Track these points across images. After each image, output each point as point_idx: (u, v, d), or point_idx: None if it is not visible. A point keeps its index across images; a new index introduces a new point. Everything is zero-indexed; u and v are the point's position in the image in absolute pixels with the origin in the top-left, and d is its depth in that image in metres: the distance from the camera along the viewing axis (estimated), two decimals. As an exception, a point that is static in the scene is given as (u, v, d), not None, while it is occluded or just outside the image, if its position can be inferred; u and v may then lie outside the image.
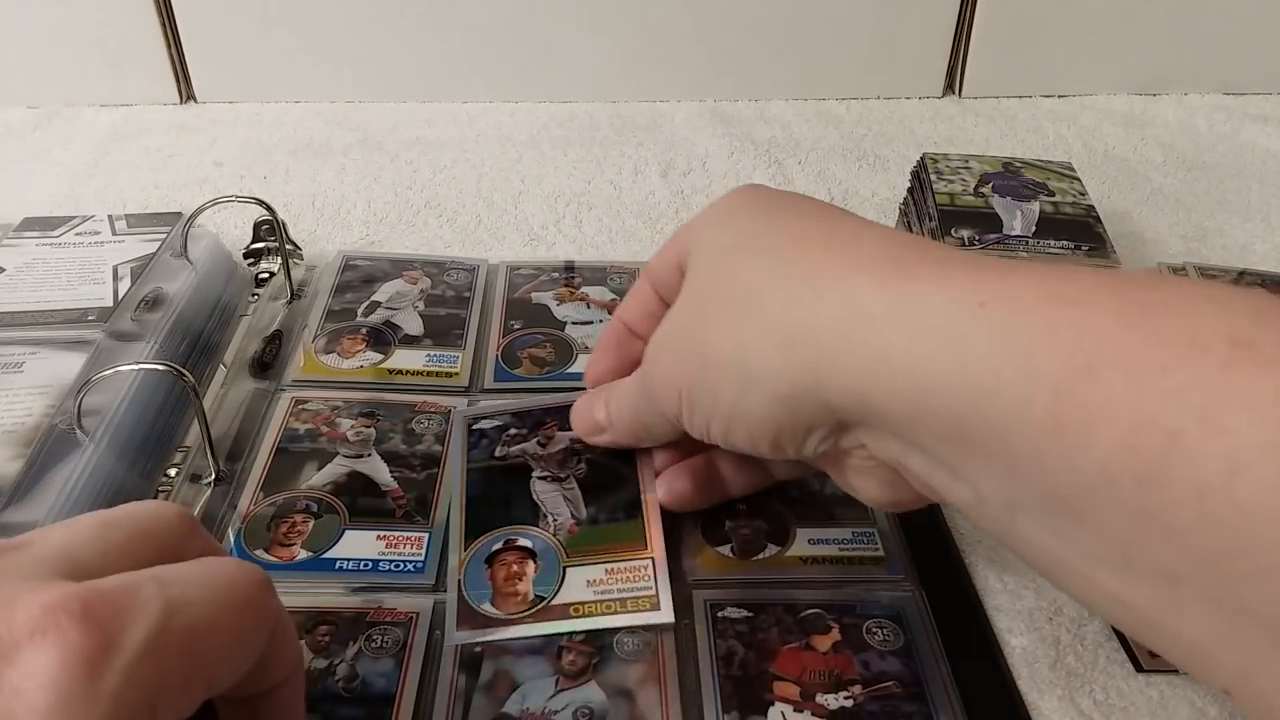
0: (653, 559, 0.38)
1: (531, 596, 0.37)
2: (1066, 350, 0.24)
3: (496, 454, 0.42)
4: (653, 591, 0.37)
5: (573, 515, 0.40)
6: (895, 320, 0.28)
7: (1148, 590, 0.24)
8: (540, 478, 0.41)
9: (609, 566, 0.38)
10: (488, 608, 0.36)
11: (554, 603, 0.36)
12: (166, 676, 0.22)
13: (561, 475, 0.41)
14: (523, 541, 0.39)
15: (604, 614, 0.36)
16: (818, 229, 0.33)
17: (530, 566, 0.38)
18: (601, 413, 0.40)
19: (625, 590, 0.37)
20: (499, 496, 0.40)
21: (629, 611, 0.36)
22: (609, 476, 0.41)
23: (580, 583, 0.37)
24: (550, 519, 0.39)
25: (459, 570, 0.38)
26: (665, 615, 0.36)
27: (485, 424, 0.43)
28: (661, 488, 0.40)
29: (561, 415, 0.43)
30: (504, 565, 0.38)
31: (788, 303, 0.30)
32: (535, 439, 0.42)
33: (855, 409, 0.30)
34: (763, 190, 0.37)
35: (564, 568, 0.38)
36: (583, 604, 0.36)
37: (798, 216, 0.34)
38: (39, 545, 0.24)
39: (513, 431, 0.43)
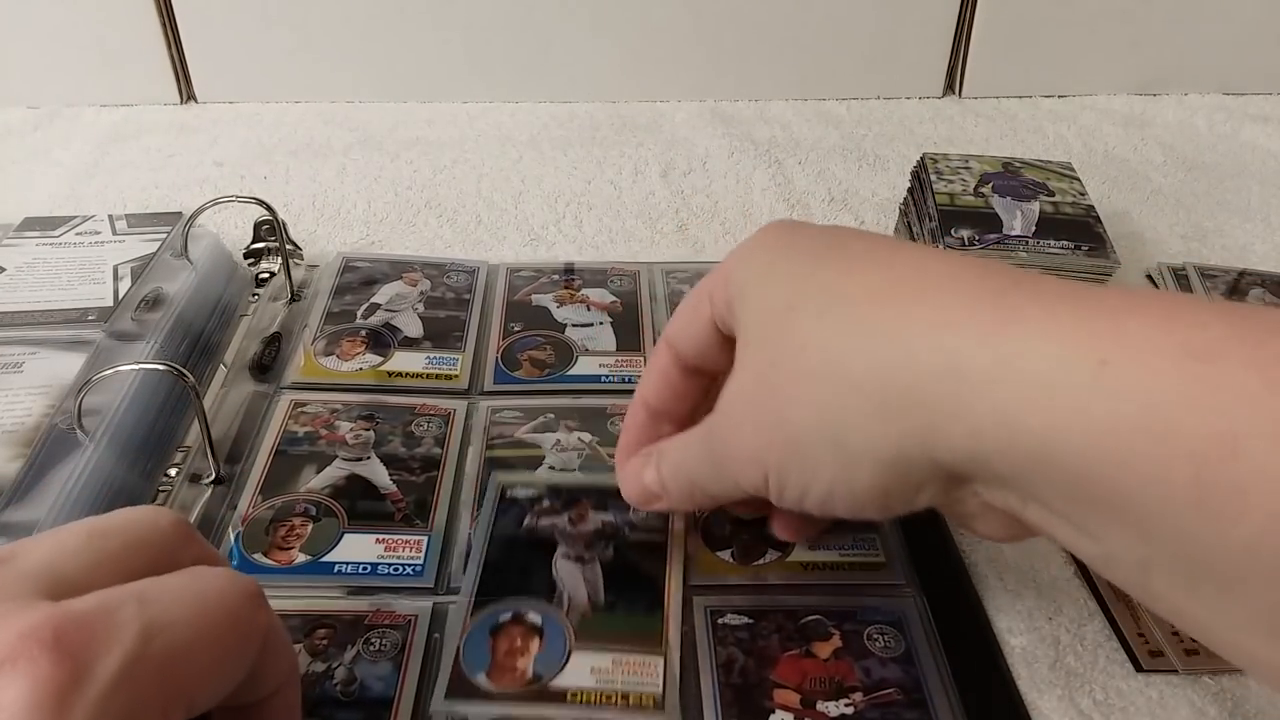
0: (665, 658, 0.35)
1: (530, 675, 0.35)
2: (1207, 418, 0.22)
3: (524, 524, 0.40)
4: (659, 690, 0.35)
5: (590, 598, 0.37)
6: (1005, 378, 0.25)
7: None
8: (564, 555, 0.39)
9: (618, 658, 0.35)
10: (482, 679, 0.34)
11: (552, 684, 0.34)
12: (142, 703, 0.22)
13: (586, 556, 0.39)
14: (532, 617, 0.37)
15: (602, 705, 0.34)
16: (882, 276, 0.30)
17: (535, 643, 0.36)
18: (653, 477, 0.37)
19: (629, 684, 0.35)
20: (518, 567, 0.39)
21: (630, 708, 0.34)
22: (635, 566, 0.39)
23: (584, 668, 0.35)
24: (566, 598, 0.37)
25: (460, 635, 0.36)
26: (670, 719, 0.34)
27: (520, 492, 0.42)
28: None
29: (597, 496, 0.41)
30: (508, 638, 0.36)
31: (876, 367, 0.28)
32: (567, 515, 0.41)
33: (968, 467, 0.27)
34: (797, 228, 0.34)
35: (570, 650, 0.36)
36: (581, 691, 0.34)
37: (848, 258, 0.31)
38: (23, 559, 0.24)
39: (545, 504, 0.41)
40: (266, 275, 0.56)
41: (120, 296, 0.49)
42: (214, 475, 0.42)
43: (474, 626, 0.36)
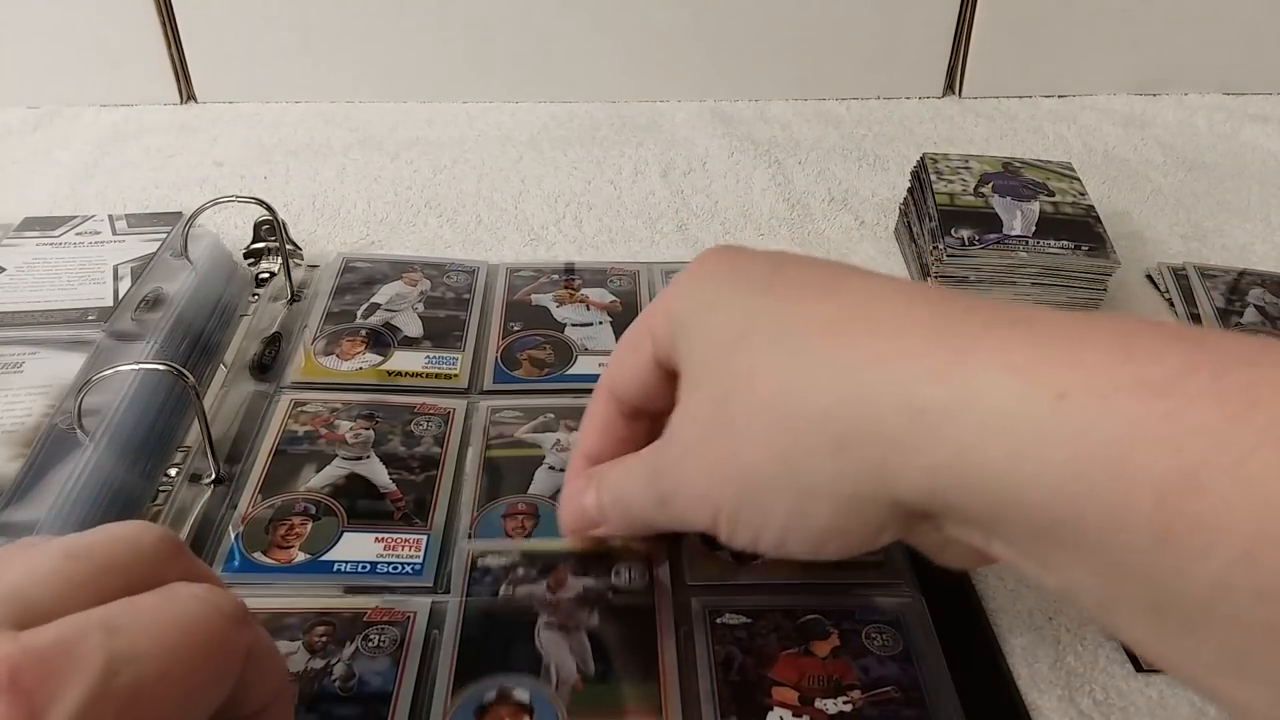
0: None
1: None
2: (1168, 453, 0.22)
3: (500, 594, 0.38)
4: None
5: (579, 670, 0.35)
6: (961, 412, 0.25)
7: (1266, 695, 0.22)
8: (546, 625, 0.36)
9: None
10: None
11: None
12: None
13: (570, 625, 0.36)
14: (519, 694, 0.34)
15: None
16: (834, 305, 0.29)
17: None
18: (593, 501, 0.36)
19: None
20: (498, 641, 0.36)
21: None
22: (624, 631, 0.36)
23: None
24: (553, 671, 0.35)
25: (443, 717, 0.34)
26: None
27: (491, 560, 0.39)
28: None
29: (575, 560, 0.39)
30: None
31: (831, 402, 0.27)
32: (544, 583, 0.38)
33: (928, 502, 0.27)
34: (738, 255, 0.33)
35: None
36: None
37: (797, 286, 0.30)
38: None
39: (520, 572, 0.38)
40: (266, 275, 0.56)
41: (120, 296, 0.49)
42: (214, 475, 0.42)
43: (456, 710, 0.34)
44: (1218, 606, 0.21)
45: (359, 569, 0.38)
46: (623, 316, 0.53)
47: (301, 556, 0.39)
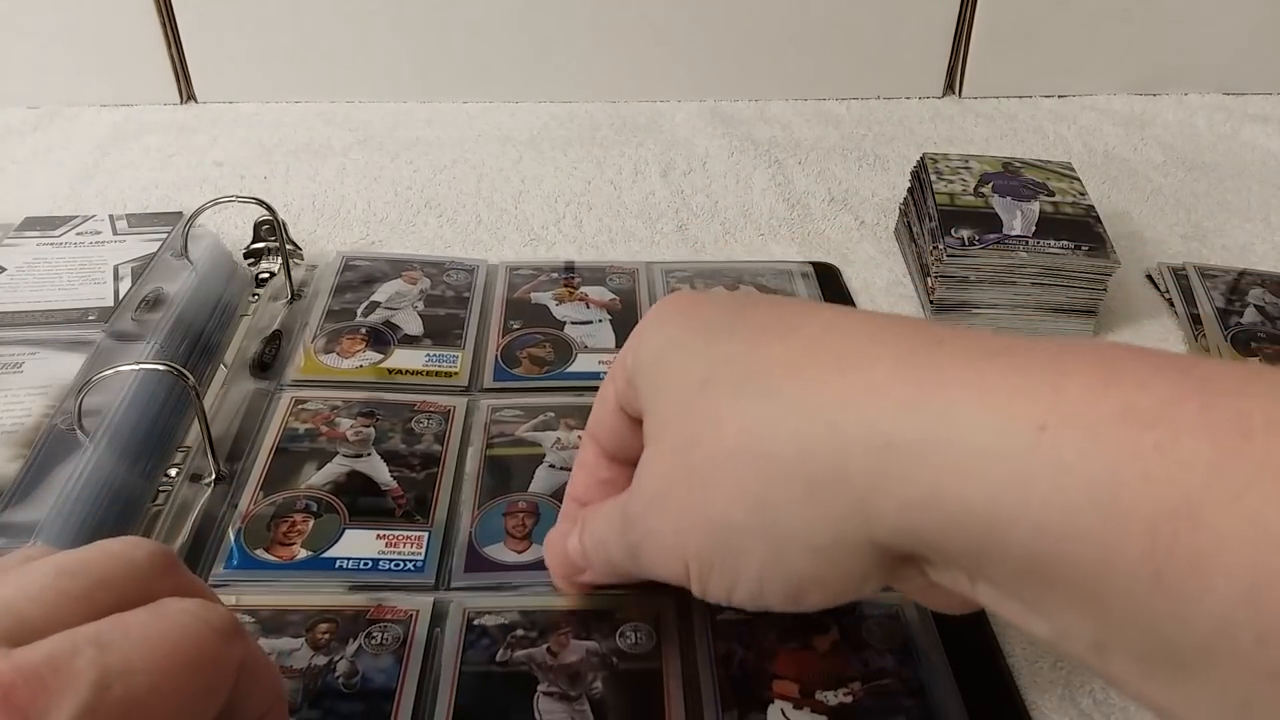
0: None
1: None
2: (1160, 490, 0.21)
3: (498, 658, 0.35)
4: None
5: None
6: (936, 448, 0.24)
7: None
8: (547, 693, 0.34)
9: None
10: None
11: None
12: None
13: (573, 693, 0.34)
14: None
15: None
16: (794, 342, 0.28)
17: None
18: (575, 545, 0.35)
19: None
20: (495, 710, 0.34)
21: None
22: (628, 697, 0.34)
23: None
24: None
25: None
26: None
27: (488, 620, 0.37)
28: None
29: (578, 621, 0.37)
30: None
31: (798, 444, 0.26)
32: (545, 645, 0.36)
33: (908, 545, 0.25)
34: (697, 299, 0.32)
35: None
36: None
37: (756, 328, 0.29)
38: None
39: (519, 633, 0.36)
40: (267, 275, 0.56)
41: (120, 296, 0.49)
42: (214, 475, 0.42)
43: None
44: (1218, 651, 0.20)
45: (361, 566, 0.38)
46: (622, 314, 0.53)
47: (303, 553, 0.39)
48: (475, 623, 0.37)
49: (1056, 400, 0.23)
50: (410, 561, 0.39)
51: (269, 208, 0.54)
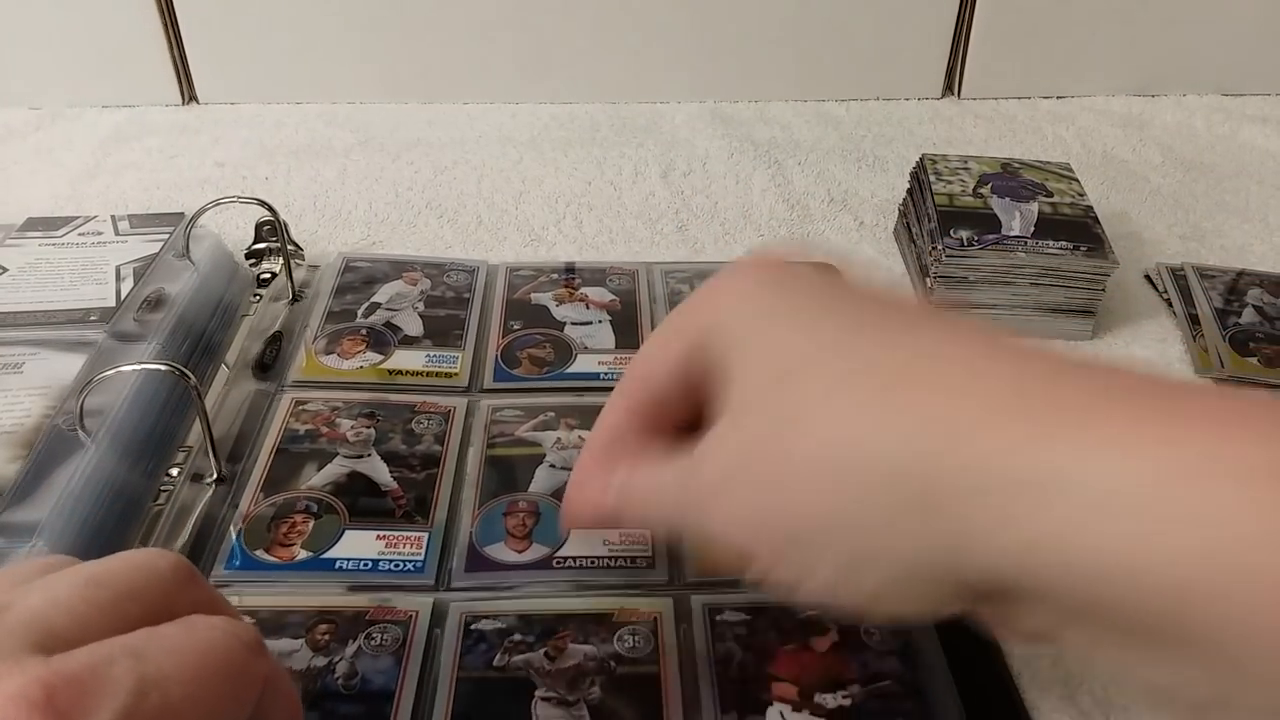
0: None
1: None
2: None
3: (495, 663, 0.35)
4: None
5: None
6: (1050, 493, 0.22)
7: None
8: (545, 698, 0.34)
9: None
10: None
11: None
12: None
13: (571, 699, 0.34)
14: None
15: None
16: (898, 356, 0.26)
17: None
18: (611, 501, 0.32)
19: None
20: (494, 716, 0.34)
21: None
22: (627, 701, 0.34)
23: None
24: None
25: None
26: None
27: (485, 624, 0.37)
28: None
29: (576, 625, 0.37)
30: None
31: (892, 464, 0.24)
32: (543, 650, 0.36)
33: (997, 585, 0.24)
34: (789, 268, 0.30)
35: None
36: None
37: (854, 326, 0.28)
38: (14, 611, 0.23)
39: (517, 638, 0.36)
40: (268, 276, 0.56)
41: (122, 297, 0.49)
42: (215, 475, 0.43)
43: None
44: None
45: (361, 566, 0.39)
46: (622, 315, 0.53)
47: (303, 554, 0.39)
48: (473, 627, 0.37)
49: (1182, 449, 0.21)
50: (410, 562, 0.39)
51: (270, 208, 0.54)
